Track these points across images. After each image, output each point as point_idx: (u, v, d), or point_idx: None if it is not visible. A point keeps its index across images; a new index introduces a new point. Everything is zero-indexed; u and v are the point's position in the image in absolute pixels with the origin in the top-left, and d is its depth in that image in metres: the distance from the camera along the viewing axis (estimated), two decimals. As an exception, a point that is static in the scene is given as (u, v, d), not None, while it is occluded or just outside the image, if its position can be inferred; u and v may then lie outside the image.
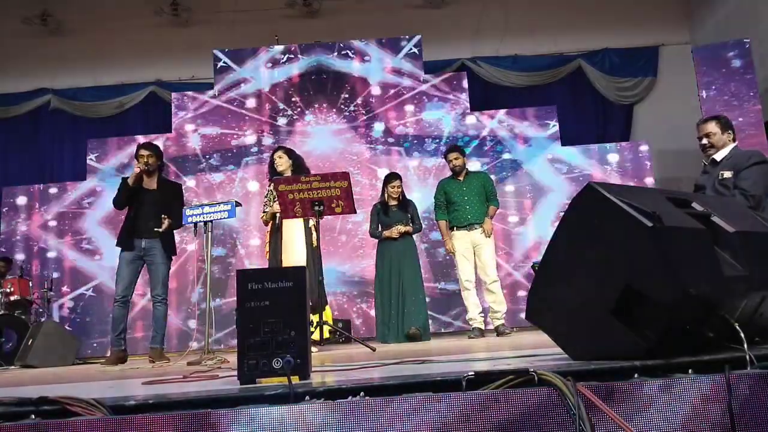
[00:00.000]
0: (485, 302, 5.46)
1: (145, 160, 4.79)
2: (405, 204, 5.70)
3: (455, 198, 5.52)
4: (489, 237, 5.42)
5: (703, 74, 7.37)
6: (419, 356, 2.84)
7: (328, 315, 5.32)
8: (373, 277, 5.79)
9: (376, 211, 5.70)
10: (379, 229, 5.61)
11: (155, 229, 4.69)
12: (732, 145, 3.79)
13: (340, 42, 8.37)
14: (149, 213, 4.74)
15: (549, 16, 8.90)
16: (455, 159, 5.56)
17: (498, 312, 5.31)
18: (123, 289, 4.73)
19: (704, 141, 3.83)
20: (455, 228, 5.48)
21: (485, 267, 5.38)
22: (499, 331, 5.24)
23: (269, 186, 5.13)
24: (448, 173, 5.79)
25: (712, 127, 3.80)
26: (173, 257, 4.96)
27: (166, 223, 4.69)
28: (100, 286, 7.57)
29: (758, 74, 7.17)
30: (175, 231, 4.92)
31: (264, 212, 5.08)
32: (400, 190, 5.66)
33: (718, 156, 3.78)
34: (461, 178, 5.58)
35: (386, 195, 5.68)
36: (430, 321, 5.75)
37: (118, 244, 4.83)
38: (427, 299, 5.76)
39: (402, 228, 5.52)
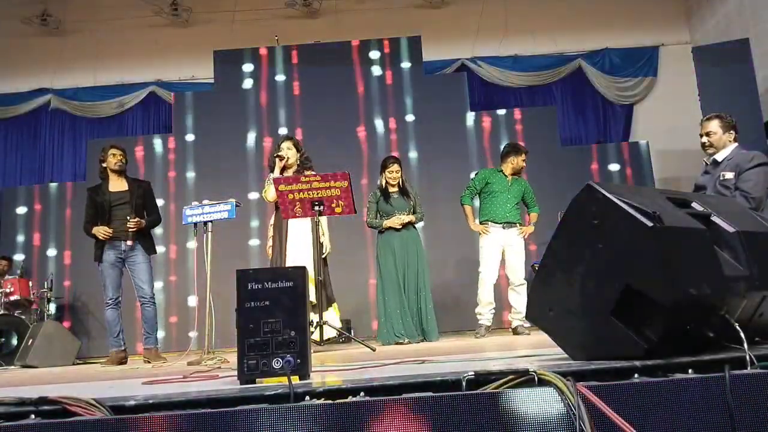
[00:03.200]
0: (510, 302, 5.40)
1: (119, 159, 4.84)
2: (406, 190, 5.28)
3: (498, 191, 5.34)
4: (524, 237, 5.37)
5: (703, 74, 7.36)
6: (419, 356, 2.84)
7: (336, 311, 5.10)
8: (368, 272, 5.53)
9: (375, 199, 5.26)
10: (378, 218, 5.22)
11: (129, 229, 4.66)
12: (733, 146, 3.78)
13: (340, 42, 8.37)
14: (125, 213, 4.73)
15: (549, 16, 8.90)
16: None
17: (520, 313, 5.23)
18: (113, 292, 4.75)
19: (704, 139, 3.83)
20: (489, 222, 5.31)
21: (514, 268, 5.31)
22: (517, 331, 5.19)
23: (270, 173, 5.01)
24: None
25: (714, 126, 3.80)
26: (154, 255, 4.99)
27: (134, 223, 4.67)
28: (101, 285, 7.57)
29: (758, 74, 7.16)
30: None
31: (265, 189, 4.90)
32: (399, 175, 5.22)
33: (719, 156, 3.78)
34: (509, 179, 5.44)
35: (384, 181, 5.26)
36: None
37: (96, 253, 4.77)
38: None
39: (405, 218, 5.12)
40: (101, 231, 4.68)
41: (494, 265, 5.27)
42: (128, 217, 4.69)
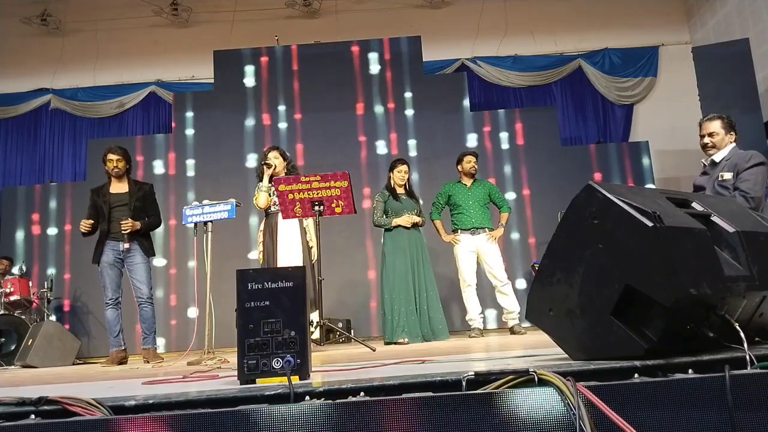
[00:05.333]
0: (500, 304, 5.48)
1: (114, 164, 4.84)
2: (412, 192, 5.40)
3: (460, 201, 5.49)
4: (495, 242, 5.43)
5: (703, 74, 7.36)
6: (419, 356, 2.84)
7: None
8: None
9: (384, 198, 5.29)
10: (386, 217, 5.22)
11: (122, 231, 4.67)
12: (731, 146, 3.76)
13: (340, 42, 8.37)
14: (124, 215, 4.73)
15: (549, 16, 8.91)
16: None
17: (512, 312, 5.32)
18: (113, 292, 4.77)
19: (706, 140, 3.77)
20: (459, 231, 5.47)
21: (494, 271, 5.37)
22: (513, 331, 5.24)
23: (259, 182, 5.01)
24: (450, 174, 5.77)
25: (717, 126, 3.74)
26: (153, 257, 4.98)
27: (126, 225, 4.68)
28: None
29: (758, 74, 7.17)
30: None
31: (255, 196, 4.90)
32: (407, 176, 5.34)
33: (717, 157, 3.75)
34: (468, 184, 5.57)
35: (392, 181, 5.33)
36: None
37: (95, 254, 4.80)
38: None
39: (415, 218, 5.20)
40: (82, 224, 4.73)
41: (471, 270, 5.40)
42: (121, 220, 4.69)
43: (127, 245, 4.71)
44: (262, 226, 5.02)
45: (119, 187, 4.89)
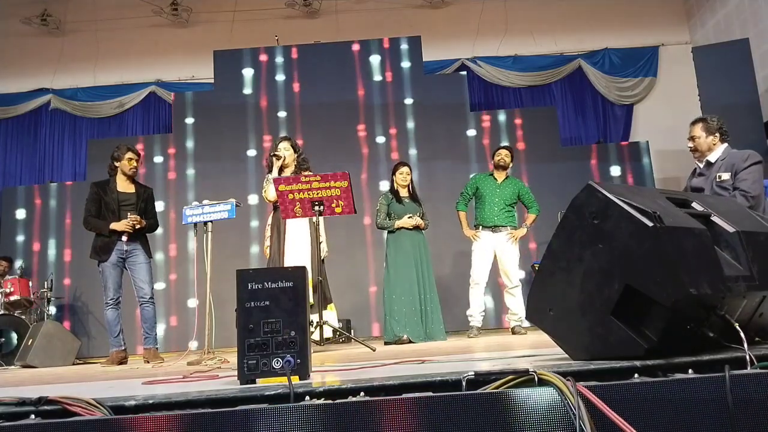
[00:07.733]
0: (506, 304, 5.50)
1: (134, 164, 4.86)
2: (416, 195, 5.40)
3: (486, 195, 5.45)
4: (515, 242, 5.42)
5: (703, 74, 7.36)
6: (419, 356, 2.84)
7: (334, 310, 5.05)
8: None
9: (387, 201, 5.29)
10: (388, 220, 5.21)
11: (131, 221, 4.67)
12: (723, 146, 3.80)
13: (340, 42, 8.37)
14: (130, 215, 4.73)
15: (549, 16, 8.91)
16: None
17: (516, 315, 5.35)
18: (114, 292, 4.76)
19: (689, 144, 3.89)
20: (480, 227, 5.44)
21: (508, 271, 5.39)
22: (514, 331, 5.30)
23: (268, 173, 5.00)
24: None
25: (697, 130, 3.85)
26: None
27: (135, 219, 4.68)
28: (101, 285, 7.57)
29: (758, 74, 7.17)
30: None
31: (265, 188, 4.90)
32: (409, 177, 5.33)
33: (712, 158, 3.80)
34: (499, 180, 5.54)
35: (395, 183, 5.34)
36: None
37: (98, 253, 4.77)
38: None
39: (417, 220, 5.18)
40: (122, 224, 4.68)
41: (483, 269, 5.37)
42: (129, 214, 4.69)
43: (125, 238, 4.71)
44: (270, 219, 5.00)
45: (127, 187, 4.89)
